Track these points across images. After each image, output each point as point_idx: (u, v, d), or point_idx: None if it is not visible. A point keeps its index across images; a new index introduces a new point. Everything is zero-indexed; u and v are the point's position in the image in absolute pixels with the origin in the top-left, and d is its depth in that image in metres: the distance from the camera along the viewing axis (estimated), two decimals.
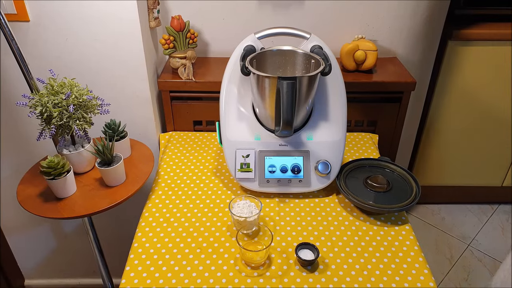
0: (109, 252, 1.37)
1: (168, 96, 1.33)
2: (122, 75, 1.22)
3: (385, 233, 0.97)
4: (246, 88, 1.07)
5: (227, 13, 1.38)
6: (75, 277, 1.73)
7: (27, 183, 1.07)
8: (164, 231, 0.97)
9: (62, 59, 1.17)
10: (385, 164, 1.12)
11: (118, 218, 1.52)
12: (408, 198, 1.01)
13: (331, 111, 1.08)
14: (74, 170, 1.05)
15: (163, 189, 1.10)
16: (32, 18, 1.11)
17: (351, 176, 1.09)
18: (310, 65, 1.06)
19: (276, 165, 1.05)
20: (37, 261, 1.67)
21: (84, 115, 1.01)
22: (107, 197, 1.02)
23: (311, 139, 1.06)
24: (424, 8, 1.40)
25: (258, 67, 1.05)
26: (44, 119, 0.97)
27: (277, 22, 1.38)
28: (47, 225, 1.55)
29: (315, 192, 1.08)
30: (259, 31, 1.07)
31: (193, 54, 1.31)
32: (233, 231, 0.97)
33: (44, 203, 1.00)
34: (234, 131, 1.07)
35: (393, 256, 0.90)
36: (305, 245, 0.90)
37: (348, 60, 1.36)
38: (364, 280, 0.85)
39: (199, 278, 0.85)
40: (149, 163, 1.14)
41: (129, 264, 0.89)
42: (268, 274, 0.86)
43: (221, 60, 1.41)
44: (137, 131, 1.31)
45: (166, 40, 1.27)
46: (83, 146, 1.07)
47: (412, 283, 0.84)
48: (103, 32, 1.14)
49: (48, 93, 0.98)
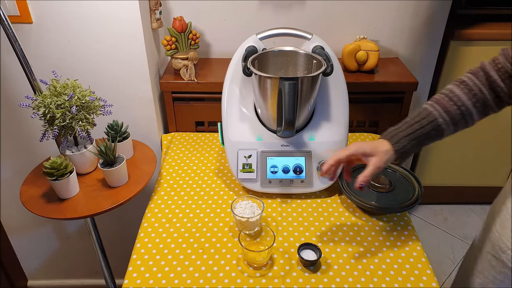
0: (112, 253, 1.38)
1: (170, 97, 1.33)
2: (125, 76, 1.22)
3: (388, 233, 0.96)
4: (248, 89, 1.07)
5: (228, 14, 1.38)
6: (77, 277, 1.74)
7: (30, 183, 1.07)
8: (167, 232, 0.97)
9: (65, 60, 1.18)
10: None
11: (121, 218, 1.52)
12: (411, 199, 1.01)
13: (333, 112, 1.08)
14: (77, 171, 1.05)
15: (165, 190, 1.10)
16: (35, 20, 1.11)
17: (353, 176, 1.08)
18: (312, 66, 1.06)
19: (278, 165, 1.05)
20: (40, 261, 1.67)
21: (87, 116, 1.01)
22: (110, 197, 1.02)
23: (313, 139, 1.06)
24: (425, 8, 1.40)
25: (260, 67, 1.05)
26: (47, 120, 0.98)
27: (278, 23, 1.38)
28: (50, 225, 1.56)
29: (317, 192, 1.08)
30: (261, 32, 1.07)
31: (195, 55, 1.31)
32: (235, 231, 0.97)
33: (47, 203, 1.00)
34: (236, 131, 1.07)
35: (395, 257, 0.90)
36: (308, 246, 0.90)
37: (350, 60, 1.35)
38: (367, 280, 0.85)
39: (202, 279, 0.86)
40: (151, 164, 1.14)
41: (132, 265, 0.89)
42: (270, 274, 0.86)
43: (223, 61, 1.41)
44: (139, 132, 1.32)
45: (168, 41, 1.27)
46: (85, 147, 1.07)
47: (415, 284, 0.84)
48: (105, 34, 1.14)
49: (51, 94, 0.98)
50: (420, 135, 0.80)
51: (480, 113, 0.79)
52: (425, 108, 0.80)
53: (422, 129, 0.80)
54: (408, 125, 0.81)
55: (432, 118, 0.79)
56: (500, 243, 0.87)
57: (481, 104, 0.78)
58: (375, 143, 0.82)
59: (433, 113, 0.79)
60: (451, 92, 0.79)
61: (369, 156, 0.81)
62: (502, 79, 0.76)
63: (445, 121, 0.79)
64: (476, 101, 0.78)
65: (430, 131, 0.80)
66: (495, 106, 0.79)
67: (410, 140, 0.80)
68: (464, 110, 0.78)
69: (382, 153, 0.80)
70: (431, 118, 0.79)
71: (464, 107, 0.78)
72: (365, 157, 0.82)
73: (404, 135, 0.80)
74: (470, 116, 0.79)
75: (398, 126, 0.82)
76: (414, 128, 0.80)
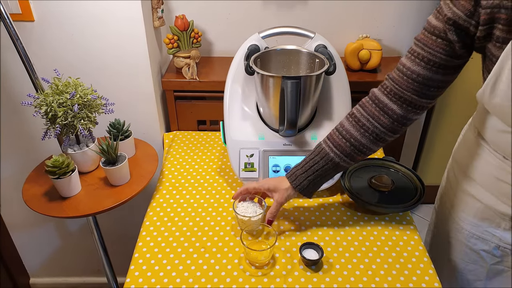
0: (114, 251, 1.38)
1: (172, 95, 1.33)
2: (126, 74, 1.22)
3: (390, 233, 0.96)
4: (250, 88, 1.07)
5: (231, 12, 1.38)
6: (79, 275, 1.74)
7: (32, 182, 1.07)
8: (169, 230, 0.97)
9: (66, 58, 1.18)
10: (390, 164, 1.12)
11: (123, 217, 1.52)
12: (413, 198, 1.01)
13: (335, 111, 1.08)
14: (79, 170, 1.05)
15: (167, 189, 1.10)
16: (37, 18, 1.11)
17: (355, 176, 1.09)
18: (314, 65, 1.05)
19: (280, 164, 1.05)
20: (42, 259, 1.68)
21: (89, 114, 1.01)
22: (112, 196, 1.02)
23: (315, 138, 1.06)
24: (428, 6, 1.39)
25: (262, 66, 1.05)
26: (49, 119, 0.98)
27: (281, 21, 1.38)
28: (52, 224, 1.56)
29: (320, 191, 1.08)
30: (263, 31, 1.07)
31: (197, 54, 1.31)
32: (237, 230, 0.97)
33: (49, 202, 1.01)
34: (238, 130, 1.07)
35: (397, 256, 0.90)
36: (309, 245, 0.90)
37: (352, 59, 1.35)
38: (369, 280, 0.85)
39: (203, 277, 0.85)
40: (153, 162, 1.14)
41: (134, 263, 0.89)
42: (272, 273, 0.86)
43: (225, 59, 1.41)
44: (141, 130, 1.32)
45: (170, 40, 1.27)
46: (87, 146, 1.07)
47: (417, 283, 0.84)
48: (107, 32, 1.14)
49: (53, 92, 0.98)
50: (316, 171, 0.87)
51: (374, 142, 0.84)
52: (319, 145, 0.88)
53: (316, 165, 0.87)
54: (305, 163, 0.89)
55: (324, 154, 0.86)
56: (456, 224, 0.92)
57: (370, 133, 0.83)
58: (278, 180, 0.92)
59: (325, 149, 0.86)
60: (341, 127, 0.86)
61: (273, 191, 0.91)
62: (392, 101, 0.81)
63: (337, 155, 0.85)
64: (364, 131, 0.83)
65: (324, 166, 0.87)
66: (390, 130, 0.82)
67: (307, 177, 0.88)
68: (354, 143, 0.84)
69: (283, 191, 0.90)
70: (323, 154, 0.87)
71: (353, 139, 0.84)
72: (269, 192, 0.92)
73: (300, 173, 0.89)
74: (364, 146, 0.84)
75: (299, 165, 0.90)
76: (309, 165, 0.88)
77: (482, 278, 0.91)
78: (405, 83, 0.78)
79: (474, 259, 0.90)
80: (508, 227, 0.82)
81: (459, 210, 0.90)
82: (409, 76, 0.77)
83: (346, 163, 0.87)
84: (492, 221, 0.84)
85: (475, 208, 0.86)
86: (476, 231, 0.87)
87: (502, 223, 0.82)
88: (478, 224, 0.87)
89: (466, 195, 0.88)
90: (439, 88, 0.79)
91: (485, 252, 0.88)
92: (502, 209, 0.81)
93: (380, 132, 0.82)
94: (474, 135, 0.85)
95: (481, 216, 0.85)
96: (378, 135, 0.83)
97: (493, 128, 0.77)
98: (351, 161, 0.87)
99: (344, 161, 0.86)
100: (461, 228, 0.90)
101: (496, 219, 0.83)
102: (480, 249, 0.88)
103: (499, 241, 0.85)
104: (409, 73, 0.77)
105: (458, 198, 0.90)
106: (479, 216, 0.86)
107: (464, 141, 0.91)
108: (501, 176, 0.78)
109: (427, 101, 0.80)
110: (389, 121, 0.81)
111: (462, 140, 0.93)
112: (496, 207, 0.82)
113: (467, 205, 0.88)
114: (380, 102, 0.81)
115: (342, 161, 0.86)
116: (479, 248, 0.88)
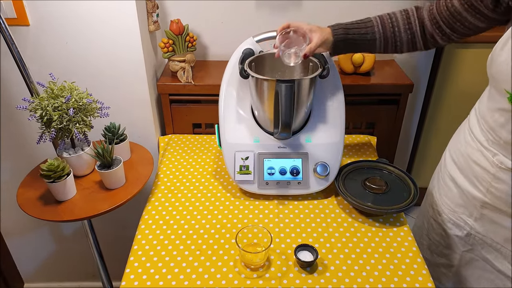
0: (109, 255, 1.37)
1: (168, 99, 1.33)
2: (122, 78, 1.22)
3: (384, 234, 0.97)
4: (245, 91, 1.08)
5: (225, 16, 1.39)
6: (74, 280, 1.73)
7: (27, 186, 1.07)
8: (164, 234, 0.97)
9: (62, 62, 1.18)
10: (383, 165, 1.13)
11: (118, 220, 1.52)
12: (406, 200, 1.01)
13: (329, 114, 1.09)
14: (74, 173, 1.05)
15: (162, 192, 1.11)
16: (32, 22, 1.11)
17: (349, 178, 1.09)
18: (308, 68, 1.06)
19: (275, 167, 1.06)
20: (36, 264, 1.67)
21: (84, 118, 1.01)
22: (107, 200, 1.02)
23: (309, 141, 1.07)
24: None
25: (257, 70, 1.06)
26: (44, 123, 0.98)
27: (275, 24, 1.37)
28: (46, 228, 1.55)
29: (314, 194, 1.09)
30: (258, 35, 1.08)
31: (192, 58, 1.32)
32: (233, 233, 0.97)
33: (44, 206, 1.00)
34: (233, 133, 1.08)
35: (391, 257, 0.91)
36: (304, 247, 0.91)
37: (346, 62, 1.36)
38: (363, 281, 0.86)
39: (199, 280, 0.86)
40: (148, 166, 1.15)
41: (129, 267, 0.89)
42: (267, 275, 0.87)
43: (220, 63, 1.41)
44: (136, 134, 1.32)
45: (165, 44, 1.28)
46: (83, 149, 1.07)
47: (411, 284, 0.85)
48: (102, 36, 1.15)
49: (48, 96, 0.98)
50: (355, 34, 0.97)
51: (408, 42, 0.96)
52: (369, 18, 0.99)
53: (358, 29, 0.97)
54: (351, 24, 0.99)
55: (370, 24, 0.97)
56: (438, 207, 1.02)
57: (410, 33, 0.95)
58: (319, 26, 0.99)
59: (373, 22, 0.97)
60: (393, 14, 0.97)
61: (313, 32, 0.96)
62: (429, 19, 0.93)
63: (379, 30, 0.96)
64: (408, 28, 0.95)
65: (364, 35, 0.97)
66: (421, 41, 0.96)
67: (346, 33, 0.97)
68: (396, 31, 0.96)
69: (324, 33, 0.96)
70: (369, 25, 0.97)
71: (397, 28, 0.95)
72: (310, 32, 0.96)
73: (343, 27, 0.97)
74: (400, 40, 0.96)
75: (345, 23, 0.99)
76: (353, 27, 0.98)
77: (455, 264, 1.00)
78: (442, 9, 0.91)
79: (449, 243, 0.99)
80: (479, 216, 0.90)
81: (442, 193, 1.01)
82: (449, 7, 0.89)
83: (378, 44, 0.97)
84: (466, 209, 0.93)
85: (453, 192, 0.95)
86: (453, 216, 0.97)
87: (474, 212, 0.90)
88: (454, 210, 0.96)
89: (449, 179, 0.97)
90: (465, 27, 0.90)
91: (458, 238, 0.96)
92: (474, 193, 0.89)
93: (416, 37, 0.95)
94: (467, 123, 0.94)
95: (457, 202, 0.95)
96: (413, 38, 0.95)
97: (484, 104, 0.85)
98: (384, 46, 0.98)
99: (380, 42, 0.97)
100: (442, 212, 1.00)
101: (469, 206, 0.92)
102: (454, 234, 0.98)
103: (470, 229, 0.93)
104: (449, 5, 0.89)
105: (442, 181, 1.01)
106: (455, 202, 0.96)
107: (459, 129, 0.99)
108: (478, 160, 0.87)
109: (452, 34, 0.92)
110: (423, 34, 0.95)
111: (458, 128, 1.01)
112: (469, 191, 0.90)
113: (449, 189, 0.98)
114: (422, 17, 0.94)
115: (378, 41, 0.97)
116: (453, 233, 0.98)
